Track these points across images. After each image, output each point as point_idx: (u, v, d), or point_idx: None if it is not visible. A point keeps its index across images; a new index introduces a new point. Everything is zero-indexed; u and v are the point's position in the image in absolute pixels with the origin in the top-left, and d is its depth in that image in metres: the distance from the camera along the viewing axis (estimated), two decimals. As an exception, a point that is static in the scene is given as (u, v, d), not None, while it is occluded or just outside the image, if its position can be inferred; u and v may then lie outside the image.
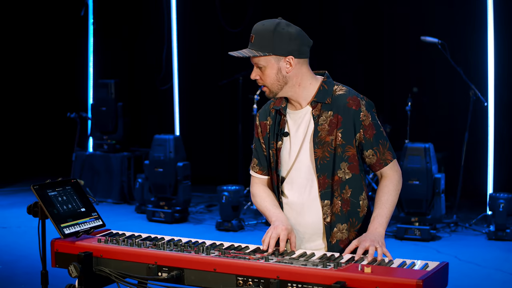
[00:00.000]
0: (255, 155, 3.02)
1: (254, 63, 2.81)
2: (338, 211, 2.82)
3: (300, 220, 2.87)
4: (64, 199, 2.87)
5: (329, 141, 2.80)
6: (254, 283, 2.44)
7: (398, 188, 2.86)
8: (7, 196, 9.13)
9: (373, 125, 2.82)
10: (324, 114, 2.82)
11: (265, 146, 2.97)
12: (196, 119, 9.53)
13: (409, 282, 2.23)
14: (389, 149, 2.86)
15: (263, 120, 2.98)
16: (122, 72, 9.87)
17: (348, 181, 2.81)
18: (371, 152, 2.82)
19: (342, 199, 2.82)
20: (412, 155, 6.72)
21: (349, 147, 2.80)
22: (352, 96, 2.83)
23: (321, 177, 2.81)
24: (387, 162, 2.85)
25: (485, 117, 7.50)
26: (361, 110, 2.80)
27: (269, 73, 2.79)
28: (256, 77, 2.84)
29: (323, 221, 2.83)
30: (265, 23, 2.80)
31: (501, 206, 6.52)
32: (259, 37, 2.77)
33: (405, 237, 6.62)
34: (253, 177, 3.04)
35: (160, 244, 2.69)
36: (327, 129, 2.80)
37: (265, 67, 2.79)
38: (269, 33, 2.76)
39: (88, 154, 8.94)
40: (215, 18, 8.86)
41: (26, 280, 5.43)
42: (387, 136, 2.90)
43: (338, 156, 2.80)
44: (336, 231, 2.83)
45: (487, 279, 5.50)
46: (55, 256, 2.82)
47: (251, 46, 2.79)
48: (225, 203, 7.03)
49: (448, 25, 8.11)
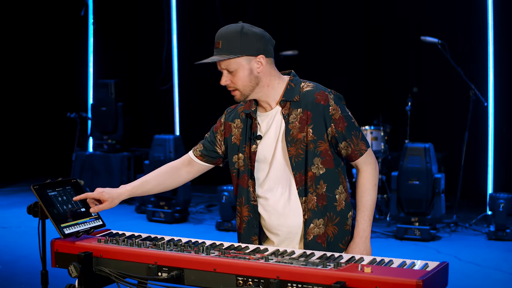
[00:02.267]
0: (204, 143, 3.06)
1: (223, 69, 2.83)
2: (314, 207, 2.83)
3: (283, 221, 2.87)
4: (64, 199, 2.87)
5: (301, 138, 2.81)
6: (254, 283, 2.44)
7: (375, 183, 2.89)
8: (7, 196, 9.13)
9: (344, 118, 2.82)
10: (294, 112, 2.83)
11: (219, 146, 3.02)
12: (196, 119, 9.53)
13: (409, 282, 2.23)
14: (362, 139, 2.87)
15: (229, 121, 3.00)
16: (122, 72, 9.87)
17: (322, 176, 2.82)
18: (345, 144, 2.83)
19: (317, 194, 2.82)
20: (412, 155, 6.72)
21: (321, 142, 2.81)
22: (319, 91, 2.84)
23: (298, 175, 2.82)
24: (362, 152, 2.86)
25: (485, 117, 7.51)
26: (330, 104, 2.81)
27: (241, 75, 2.80)
28: (226, 82, 2.85)
29: (302, 218, 2.85)
30: (228, 27, 2.81)
31: (501, 206, 6.52)
32: (226, 41, 2.78)
33: (405, 237, 6.62)
34: (187, 156, 3.10)
35: (160, 244, 2.69)
36: (298, 126, 2.81)
37: (236, 70, 2.80)
38: (236, 35, 2.77)
39: (88, 154, 8.94)
40: (215, 18, 8.86)
41: (26, 280, 5.43)
42: (359, 126, 2.90)
43: (310, 152, 2.81)
44: (313, 227, 2.83)
45: (487, 279, 5.50)
46: (55, 256, 2.82)
47: (219, 51, 2.80)
48: (225, 203, 7.03)
49: (448, 25, 8.11)
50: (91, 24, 9.46)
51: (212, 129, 3.07)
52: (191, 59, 9.45)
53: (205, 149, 3.06)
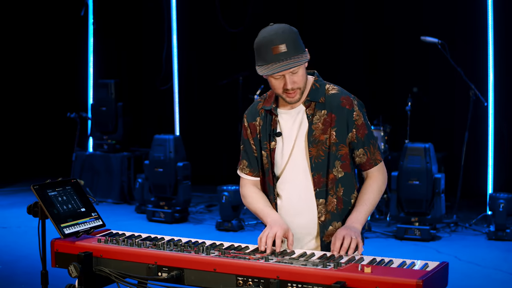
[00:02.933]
0: (244, 157, 2.99)
1: (287, 72, 2.70)
2: (333, 209, 2.83)
3: (295, 220, 2.86)
4: (64, 199, 2.87)
5: (323, 139, 2.81)
6: (254, 283, 2.44)
7: (381, 189, 2.89)
8: (7, 196, 9.13)
9: (365, 125, 2.85)
10: (318, 113, 2.82)
11: (255, 147, 2.95)
12: (196, 119, 9.53)
13: (409, 282, 2.23)
14: (378, 149, 2.90)
15: (252, 121, 2.96)
16: (122, 72, 9.87)
17: (341, 179, 2.83)
18: (362, 151, 2.84)
19: (337, 197, 2.83)
20: (412, 155, 6.72)
21: (342, 146, 2.82)
22: (345, 96, 2.85)
23: (316, 176, 2.81)
24: (376, 162, 2.88)
25: (485, 117, 7.51)
26: (354, 110, 2.82)
27: (303, 72, 2.77)
28: (293, 85, 2.73)
29: (318, 220, 2.83)
30: (277, 29, 2.72)
31: (501, 206, 6.52)
32: (292, 43, 2.70)
33: (405, 237, 6.61)
34: (242, 178, 3.02)
35: (160, 244, 2.69)
36: (321, 127, 2.81)
37: (298, 68, 2.73)
38: (294, 35, 2.74)
39: (88, 154, 8.94)
40: (215, 18, 8.86)
41: (26, 280, 5.43)
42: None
43: (332, 154, 2.81)
44: (332, 229, 2.83)
45: (487, 279, 5.50)
46: (55, 256, 2.83)
47: (288, 55, 2.67)
48: (225, 203, 7.03)
49: (448, 25, 8.11)
50: (91, 24, 9.45)
51: (243, 138, 2.99)
52: (191, 59, 9.50)
53: (249, 163, 2.99)
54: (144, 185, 7.75)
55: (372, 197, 2.85)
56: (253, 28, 3.44)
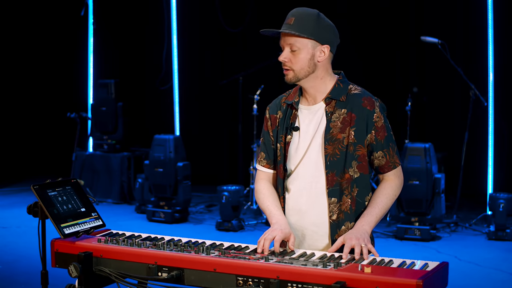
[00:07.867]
0: (263, 149, 3.00)
1: (286, 45, 2.78)
2: (347, 209, 2.81)
3: (303, 217, 2.85)
4: (64, 199, 2.87)
5: (340, 138, 2.79)
6: (254, 283, 2.44)
7: (396, 194, 2.88)
8: (7, 196, 9.13)
9: (385, 128, 2.84)
10: (338, 111, 2.82)
11: (273, 139, 2.96)
12: (196, 119, 9.53)
13: (409, 282, 2.23)
14: (397, 153, 2.89)
15: (274, 114, 2.97)
16: (122, 72, 9.87)
17: (356, 180, 2.81)
18: (381, 154, 2.83)
19: (352, 197, 2.81)
20: (412, 155, 6.72)
21: (360, 146, 2.81)
22: (367, 97, 2.85)
23: (330, 174, 2.80)
24: (395, 165, 2.88)
25: (485, 117, 7.50)
26: (375, 111, 2.81)
27: (302, 57, 2.78)
28: (285, 59, 2.80)
29: (329, 219, 2.82)
30: (305, 9, 2.80)
31: (501, 206, 6.52)
32: (300, 20, 2.75)
33: (405, 237, 6.62)
34: (259, 171, 3.01)
35: (160, 244, 2.69)
36: (339, 126, 2.80)
37: (299, 50, 2.77)
38: (311, 18, 2.76)
39: (88, 154, 8.93)
40: (215, 18, 8.86)
41: (26, 280, 5.43)
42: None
43: (349, 154, 2.79)
44: (344, 229, 2.81)
45: (487, 279, 5.50)
46: (55, 256, 2.82)
47: (289, 27, 2.76)
48: (225, 203, 7.03)
49: (448, 25, 8.11)
50: (91, 24, 9.45)
51: (263, 130, 3.01)
52: (191, 59, 9.50)
53: (267, 155, 2.99)
54: (144, 185, 7.75)
55: (385, 201, 2.83)
56: (253, 28, 3.44)
